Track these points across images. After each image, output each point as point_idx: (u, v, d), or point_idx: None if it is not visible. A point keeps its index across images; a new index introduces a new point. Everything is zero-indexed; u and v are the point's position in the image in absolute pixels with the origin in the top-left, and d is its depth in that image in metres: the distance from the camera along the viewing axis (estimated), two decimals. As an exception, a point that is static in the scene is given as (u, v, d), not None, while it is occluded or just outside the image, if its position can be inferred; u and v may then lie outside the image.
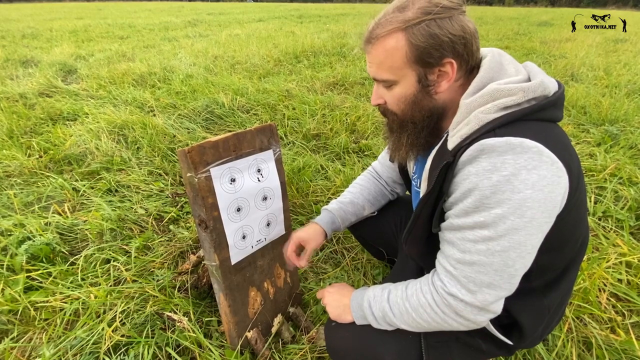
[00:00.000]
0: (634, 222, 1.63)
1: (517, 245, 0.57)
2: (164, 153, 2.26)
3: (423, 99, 0.69)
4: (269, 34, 7.62)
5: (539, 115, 0.59)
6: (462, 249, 0.61)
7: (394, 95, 0.71)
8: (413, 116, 0.71)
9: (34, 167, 2.03)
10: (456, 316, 0.64)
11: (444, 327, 0.68)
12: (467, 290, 0.62)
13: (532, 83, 0.59)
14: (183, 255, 1.44)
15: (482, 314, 0.63)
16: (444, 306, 0.65)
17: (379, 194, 1.09)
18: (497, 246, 0.57)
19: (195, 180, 0.81)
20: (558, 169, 0.55)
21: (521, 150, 0.54)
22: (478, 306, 0.62)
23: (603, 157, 2.17)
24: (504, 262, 0.58)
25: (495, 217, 0.56)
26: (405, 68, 0.66)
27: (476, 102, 0.61)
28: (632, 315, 1.18)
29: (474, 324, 0.65)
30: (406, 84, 0.68)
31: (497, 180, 0.55)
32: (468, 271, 0.61)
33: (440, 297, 0.65)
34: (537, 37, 7.60)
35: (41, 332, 1.12)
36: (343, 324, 0.84)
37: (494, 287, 0.60)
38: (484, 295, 0.61)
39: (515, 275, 0.60)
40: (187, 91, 3.37)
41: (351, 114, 2.89)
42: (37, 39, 6.86)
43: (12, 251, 1.36)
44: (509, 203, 0.55)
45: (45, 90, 3.43)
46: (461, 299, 0.62)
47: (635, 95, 3.51)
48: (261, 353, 1.03)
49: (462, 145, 0.60)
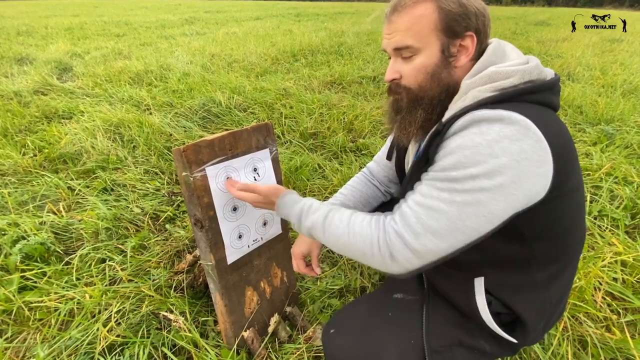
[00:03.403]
0: (629, 221, 1.64)
1: (477, 204, 0.57)
2: (160, 152, 2.24)
3: (442, 72, 0.69)
4: (267, 32, 7.59)
5: (534, 97, 0.62)
6: (425, 194, 0.62)
7: (414, 67, 0.69)
8: (431, 89, 0.70)
9: (29, 166, 2.01)
10: (388, 256, 0.63)
11: (363, 258, 0.67)
12: (412, 232, 0.61)
13: (529, 65, 0.63)
14: (179, 254, 1.43)
15: (411, 261, 0.62)
16: (383, 244, 0.64)
17: (371, 196, 1.09)
18: (458, 197, 0.58)
19: (191, 180, 0.81)
20: (541, 148, 0.56)
21: (509, 121, 0.56)
22: (415, 249, 0.61)
23: (599, 157, 2.18)
24: (458, 215, 0.58)
25: (466, 175, 0.57)
26: (431, 36, 0.67)
27: (475, 83, 0.64)
28: (627, 314, 1.19)
29: (393, 267, 0.64)
30: (429, 54, 0.68)
31: (479, 143, 0.57)
32: (422, 213, 0.61)
33: (385, 234, 0.64)
34: (534, 37, 7.62)
35: (35, 332, 1.11)
36: (342, 331, 0.82)
37: (438, 235, 0.59)
38: (426, 241, 0.60)
39: (461, 232, 0.59)
40: (183, 89, 3.36)
41: (349, 113, 2.89)
42: (32, 36, 6.79)
43: (6, 251, 1.35)
44: (484, 165, 0.56)
45: (40, 88, 3.40)
46: (404, 238, 0.61)
47: (631, 95, 3.53)
48: (258, 353, 1.03)
49: (455, 115, 0.63)
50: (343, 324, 0.85)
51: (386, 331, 0.78)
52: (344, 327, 0.84)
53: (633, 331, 1.14)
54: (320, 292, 1.30)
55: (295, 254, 0.97)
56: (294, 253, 0.98)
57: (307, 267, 0.97)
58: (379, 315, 0.83)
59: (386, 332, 0.77)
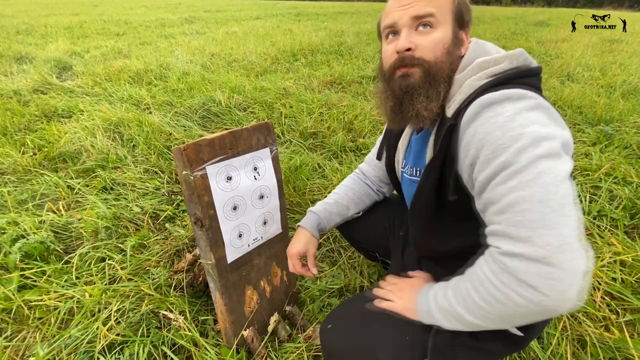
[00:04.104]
0: (628, 221, 1.64)
1: (547, 170, 0.52)
2: (160, 151, 2.24)
3: (454, 53, 0.69)
4: (267, 31, 7.59)
5: (523, 80, 0.63)
6: (498, 198, 0.55)
7: (433, 39, 0.67)
8: (443, 68, 0.67)
9: (28, 165, 2.01)
10: (519, 285, 0.51)
11: (511, 312, 0.54)
12: (520, 240, 0.51)
13: (515, 51, 0.65)
14: (179, 253, 1.43)
15: (554, 276, 0.48)
16: (501, 273, 0.53)
17: (364, 195, 1.09)
18: (528, 175, 0.52)
19: (191, 178, 0.81)
20: (554, 112, 0.59)
21: (517, 97, 0.57)
22: (543, 256, 0.49)
23: (598, 157, 2.18)
24: (544, 189, 0.51)
25: (514, 152, 0.53)
26: (448, 15, 0.69)
27: (467, 75, 0.66)
28: (626, 314, 1.19)
29: (545, 299, 0.49)
30: (446, 30, 0.69)
31: (503, 121, 0.56)
32: (513, 216, 0.53)
33: (496, 263, 0.55)
34: (533, 37, 7.62)
35: (35, 331, 1.11)
36: (338, 326, 0.82)
37: (550, 224, 0.50)
38: (543, 238, 0.49)
39: (564, 205, 0.50)
40: (183, 89, 3.35)
41: (348, 112, 2.89)
42: (31, 35, 6.77)
43: (6, 249, 1.35)
44: (523, 137, 0.53)
45: (39, 87, 3.40)
46: (517, 252, 0.51)
47: (630, 95, 3.53)
48: (257, 352, 1.03)
49: (460, 108, 0.64)
50: (340, 319, 0.86)
51: (382, 327, 0.78)
52: (340, 323, 0.84)
53: (632, 331, 1.14)
54: (320, 292, 1.30)
55: (291, 253, 0.97)
56: (289, 253, 0.98)
57: (303, 267, 0.97)
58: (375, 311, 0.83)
59: (382, 328, 0.78)
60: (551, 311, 0.51)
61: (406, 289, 0.79)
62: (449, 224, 0.75)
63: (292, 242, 0.99)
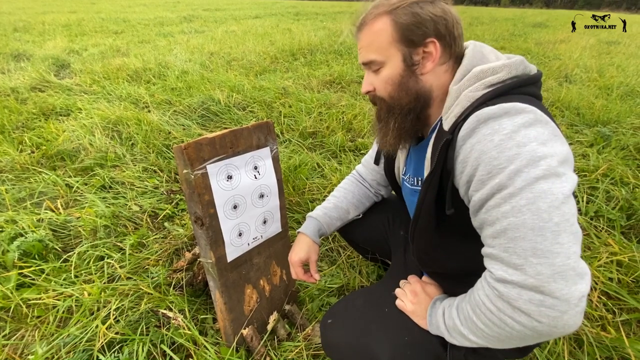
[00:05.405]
0: (624, 222, 1.65)
1: (543, 194, 0.50)
2: (158, 150, 2.24)
3: (409, 80, 0.70)
4: (266, 30, 7.58)
5: (523, 90, 0.63)
6: (492, 221, 0.55)
7: (382, 78, 0.72)
8: (400, 99, 0.72)
9: (26, 163, 2.00)
10: (513, 311, 0.52)
11: (508, 335, 0.55)
12: (512, 267, 0.52)
13: (514, 60, 0.64)
14: (178, 252, 1.43)
15: (545, 304, 0.49)
16: (496, 299, 0.55)
17: (363, 197, 1.09)
18: (521, 199, 0.51)
19: (192, 177, 0.81)
20: (554, 127, 0.57)
21: (515, 112, 0.56)
22: (534, 285, 0.50)
23: (595, 158, 2.20)
24: (537, 216, 0.50)
25: (510, 173, 0.53)
26: (391, 48, 0.69)
27: (464, 85, 0.64)
28: (623, 313, 1.20)
29: (538, 325, 0.51)
30: (393, 65, 0.70)
31: (499, 140, 0.54)
32: (504, 242, 0.53)
33: (490, 288, 0.56)
34: (532, 39, 7.65)
35: (34, 330, 1.11)
36: (338, 322, 0.83)
37: (541, 253, 0.50)
38: (535, 267, 0.50)
39: (559, 232, 0.50)
40: (182, 87, 3.34)
41: (347, 112, 2.89)
42: (29, 32, 6.73)
43: (4, 248, 1.34)
44: (519, 157, 0.52)
45: (37, 85, 3.38)
46: (509, 280, 0.52)
47: (627, 97, 3.55)
48: (257, 350, 1.03)
49: (457, 122, 0.62)
50: (340, 315, 0.86)
51: (381, 326, 0.79)
52: (340, 318, 0.85)
53: (628, 330, 1.15)
54: (319, 291, 1.31)
55: (293, 261, 0.97)
56: (291, 260, 0.98)
57: (305, 273, 0.97)
58: (375, 309, 0.84)
59: (381, 327, 0.78)
60: (546, 336, 0.53)
61: (420, 296, 0.81)
62: (452, 240, 0.73)
63: (294, 250, 0.99)
